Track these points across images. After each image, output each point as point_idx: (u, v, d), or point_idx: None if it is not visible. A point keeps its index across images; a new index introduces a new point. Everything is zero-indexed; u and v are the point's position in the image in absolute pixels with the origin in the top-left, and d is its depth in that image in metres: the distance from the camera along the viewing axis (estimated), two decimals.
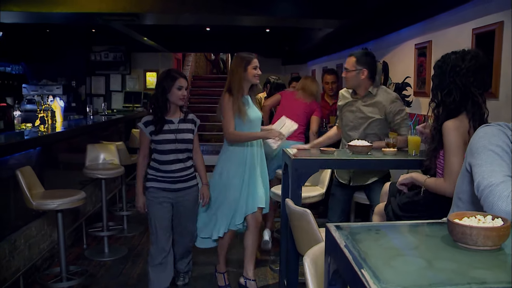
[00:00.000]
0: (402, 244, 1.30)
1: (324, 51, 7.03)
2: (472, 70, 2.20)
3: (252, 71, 3.28)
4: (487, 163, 1.58)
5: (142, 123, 3.13)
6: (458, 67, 2.20)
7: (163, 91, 3.08)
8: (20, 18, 5.07)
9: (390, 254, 1.20)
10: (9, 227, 3.52)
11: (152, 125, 3.10)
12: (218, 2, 4.81)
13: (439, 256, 1.19)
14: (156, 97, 3.11)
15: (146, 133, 3.12)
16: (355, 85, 3.24)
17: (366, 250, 1.21)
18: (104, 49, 8.32)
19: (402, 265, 1.12)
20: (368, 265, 1.10)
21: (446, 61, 2.26)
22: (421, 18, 3.67)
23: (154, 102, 3.12)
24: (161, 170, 3.16)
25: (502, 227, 1.23)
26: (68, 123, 5.25)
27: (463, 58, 2.22)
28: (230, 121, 3.28)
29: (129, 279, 3.88)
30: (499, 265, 1.15)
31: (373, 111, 3.21)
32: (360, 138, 3.20)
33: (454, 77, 2.21)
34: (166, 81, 3.09)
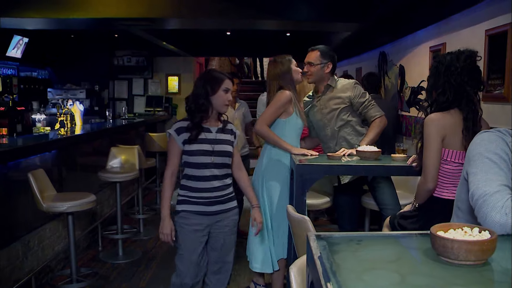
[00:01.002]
0: (381, 257, 1.24)
1: (344, 55, 6.95)
2: (467, 69, 2.18)
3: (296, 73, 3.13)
4: (482, 171, 1.50)
5: (174, 129, 2.56)
6: (453, 67, 2.18)
7: (206, 92, 2.54)
8: (40, 24, 5.20)
9: (364, 267, 1.14)
10: (23, 228, 3.59)
11: (187, 132, 2.55)
12: (237, 7, 4.81)
13: (417, 271, 1.13)
14: (196, 98, 2.56)
15: (178, 142, 2.55)
16: (318, 79, 3.23)
17: (340, 262, 1.16)
18: (126, 53, 8.46)
19: (373, 280, 1.06)
20: (337, 279, 1.05)
21: (442, 61, 2.24)
22: (435, 20, 3.59)
23: (193, 105, 2.57)
24: (195, 189, 2.58)
25: (486, 241, 1.15)
26: (86, 126, 5.34)
27: (458, 58, 2.20)
28: (272, 115, 3.04)
29: (141, 281, 3.90)
30: (480, 282, 1.08)
31: (337, 102, 3.21)
32: (334, 133, 3.21)
33: (449, 77, 2.18)
34: (212, 81, 2.57)
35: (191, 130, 2.54)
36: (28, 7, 4.50)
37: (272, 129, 3.09)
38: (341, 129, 3.20)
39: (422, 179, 2.25)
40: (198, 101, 2.55)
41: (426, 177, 2.21)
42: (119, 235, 4.52)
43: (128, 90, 8.69)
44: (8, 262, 3.31)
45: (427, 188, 2.24)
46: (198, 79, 2.66)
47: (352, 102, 3.18)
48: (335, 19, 5.04)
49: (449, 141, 2.18)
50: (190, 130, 2.54)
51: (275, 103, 3.02)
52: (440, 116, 2.19)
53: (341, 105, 3.19)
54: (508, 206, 1.39)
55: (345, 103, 3.18)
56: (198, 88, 2.57)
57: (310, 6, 5.03)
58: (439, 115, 2.20)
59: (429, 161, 2.19)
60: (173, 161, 2.58)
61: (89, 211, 4.73)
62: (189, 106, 2.59)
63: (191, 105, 2.57)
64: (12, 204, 3.47)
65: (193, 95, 2.59)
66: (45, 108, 7.28)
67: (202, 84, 2.56)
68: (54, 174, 4.17)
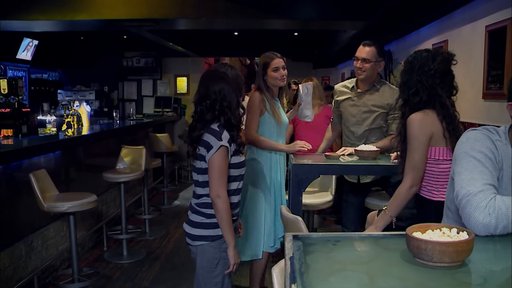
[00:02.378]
0: (354, 258, 1.21)
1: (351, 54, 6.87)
2: (440, 72, 2.12)
3: (272, 73, 3.02)
4: (467, 170, 1.46)
5: (227, 141, 2.19)
6: (427, 67, 2.12)
7: (238, 98, 2.27)
8: (47, 26, 5.27)
9: (334, 268, 1.12)
10: (27, 228, 3.63)
11: (234, 143, 2.26)
12: (242, 7, 4.80)
13: (388, 273, 1.09)
14: (230, 105, 2.23)
15: (229, 155, 2.23)
16: (370, 76, 3.10)
17: (311, 263, 1.13)
18: (135, 55, 8.52)
19: (339, 281, 1.03)
20: (302, 280, 1.02)
21: (417, 58, 2.17)
22: (437, 16, 3.53)
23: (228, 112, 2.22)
24: (233, 205, 2.31)
25: (461, 242, 1.11)
26: (93, 127, 5.38)
27: (434, 58, 2.14)
28: (254, 121, 3.00)
29: (143, 281, 3.91)
30: (452, 285, 1.04)
31: (378, 106, 3.10)
32: (364, 133, 3.11)
33: (422, 76, 2.12)
34: (240, 82, 2.32)
35: (235, 140, 2.26)
36: (35, 10, 4.56)
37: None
38: (372, 132, 3.12)
39: (411, 182, 2.11)
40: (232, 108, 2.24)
41: (414, 179, 2.10)
42: (123, 235, 4.54)
43: (137, 91, 8.75)
44: (10, 261, 3.35)
45: (413, 191, 2.13)
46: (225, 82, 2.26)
47: (388, 113, 3.09)
48: (341, 17, 5.00)
49: (438, 139, 2.10)
50: (235, 140, 2.25)
51: (249, 108, 3.01)
52: (423, 115, 2.11)
53: (380, 109, 3.09)
54: (492, 206, 1.35)
55: (384, 109, 3.08)
56: (226, 93, 2.22)
57: (316, 5, 5.00)
58: (421, 114, 2.11)
59: (415, 163, 2.09)
60: (226, 179, 2.22)
61: (94, 211, 4.77)
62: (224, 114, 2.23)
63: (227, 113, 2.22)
64: (15, 204, 3.51)
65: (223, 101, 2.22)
66: (55, 110, 7.36)
67: (232, 88, 2.24)
68: (60, 174, 4.21)
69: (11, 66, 6.95)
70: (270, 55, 3.05)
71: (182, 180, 8.31)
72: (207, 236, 2.26)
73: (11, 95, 4.40)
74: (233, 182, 2.30)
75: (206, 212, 2.26)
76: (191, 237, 2.30)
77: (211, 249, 2.25)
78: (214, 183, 2.18)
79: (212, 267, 2.27)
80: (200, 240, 2.27)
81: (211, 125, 2.22)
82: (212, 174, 2.19)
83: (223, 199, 2.18)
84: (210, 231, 2.25)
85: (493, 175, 1.44)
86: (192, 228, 2.30)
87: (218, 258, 2.27)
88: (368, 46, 3.07)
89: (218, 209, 2.19)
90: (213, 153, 2.16)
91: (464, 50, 3.18)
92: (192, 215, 2.32)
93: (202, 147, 2.21)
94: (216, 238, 2.25)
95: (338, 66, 8.63)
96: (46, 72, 7.97)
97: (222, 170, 2.19)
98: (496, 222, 1.34)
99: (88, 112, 5.54)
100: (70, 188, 4.25)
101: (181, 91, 8.83)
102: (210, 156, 2.17)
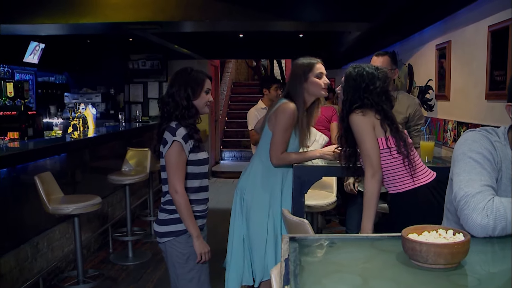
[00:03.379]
0: (349, 259, 1.21)
1: (355, 55, 6.88)
2: (384, 91, 2.23)
3: (314, 80, 2.62)
4: (465, 171, 1.45)
5: (181, 137, 2.25)
6: (373, 86, 2.20)
7: (188, 95, 2.30)
8: (52, 30, 5.30)
9: (329, 270, 1.12)
10: (32, 230, 3.66)
11: (190, 139, 2.29)
12: (246, 9, 4.80)
13: (382, 275, 1.09)
14: (180, 102, 2.29)
15: (186, 151, 2.27)
16: None
17: (305, 265, 1.13)
18: (141, 57, 8.54)
19: (332, 283, 1.03)
20: (296, 282, 1.02)
21: (362, 76, 2.22)
22: (441, 17, 3.51)
23: (181, 109, 2.29)
24: (198, 201, 2.36)
25: (456, 244, 1.11)
26: (98, 130, 5.41)
27: (378, 77, 2.22)
28: (284, 140, 2.61)
29: (148, 283, 3.94)
30: (446, 287, 1.03)
31: (396, 116, 3.06)
32: None
33: (368, 95, 2.20)
34: (193, 82, 2.33)
35: (192, 136, 2.29)
36: (41, 14, 4.59)
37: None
38: None
39: (371, 170, 2.15)
40: (183, 105, 2.29)
41: (372, 166, 2.15)
42: (128, 237, 4.57)
43: (143, 94, 8.78)
44: (16, 263, 3.39)
45: (377, 179, 2.16)
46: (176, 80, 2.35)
47: (409, 120, 3.07)
48: (346, 19, 4.98)
49: (379, 131, 2.20)
50: (192, 136, 2.29)
51: (280, 125, 2.59)
52: (361, 111, 2.20)
53: (398, 118, 3.08)
54: (490, 207, 1.34)
55: (401, 120, 3.03)
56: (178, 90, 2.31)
57: (321, 7, 4.99)
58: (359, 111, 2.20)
59: (371, 151, 2.16)
60: (183, 174, 2.26)
61: (100, 213, 4.80)
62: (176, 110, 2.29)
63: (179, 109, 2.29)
64: (21, 207, 3.54)
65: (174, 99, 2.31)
66: (62, 112, 7.41)
67: (183, 85, 2.31)
68: (66, 177, 4.25)
69: (18, 70, 7.01)
70: (310, 58, 2.67)
71: None
72: (172, 232, 2.28)
73: (17, 98, 4.44)
74: (195, 180, 2.33)
75: (169, 208, 2.30)
76: (158, 234, 2.34)
77: (178, 244, 2.27)
78: (170, 177, 2.24)
79: (182, 263, 2.29)
80: (166, 237, 2.29)
81: (170, 123, 2.29)
82: (168, 169, 2.25)
83: (180, 193, 2.22)
84: (174, 227, 2.28)
85: (491, 176, 1.43)
86: (159, 225, 2.34)
87: (188, 253, 2.28)
88: (381, 56, 3.07)
89: (176, 203, 2.24)
90: (167, 148, 2.23)
91: (467, 50, 3.17)
92: (159, 213, 2.37)
93: (162, 145, 2.29)
94: (181, 233, 2.28)
95: (344, 67, 8.61)
96: (53, 75, 8.02)
97: (177, 165, 2.23)
98: (494, 224, 1.33)
99: (94, 114, 5.58)
100: (76, 191, 4.29)
101: None
102: (165, 152, 2.24)
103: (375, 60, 3.07)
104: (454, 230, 1.20)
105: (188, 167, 2.29)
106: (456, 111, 3.41)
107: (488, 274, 1.17)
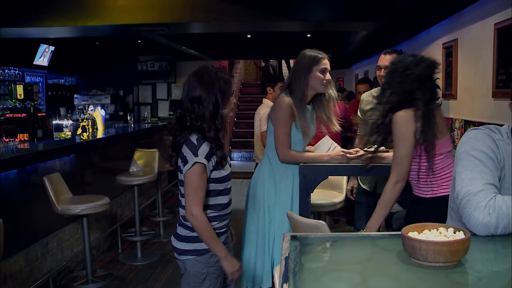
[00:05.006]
0: (350, 258, 1.21)
1: (363, 55, 6.87)
2: (420, 78, 2.14)
3: (318, 74, 2.56)
4: (467, 170, 1.44)
5: (204, 157, 1.98)
6: (409, 71, 2.14)
7: (217, 102, 1.99)
8: (61, 32, 5.37)
9: (328, 268, 1.12)
10: (42, 230, 3.71)
11: (213, 156, 2.03)
12: (254, 9, 4.82)
13: (381, 273, 1.09)
14: (206, 110, 1.99)
15: (208, 170, 2.03)
16: None
17: (305, 263, 1.14)
18: (150, 59, 8.61)
19: (331, 281, 1.04)
20: (295, 280, 1.03)
21: (402, 61, 2.19)
22: (447, 15, 3.49)
23: (207, 120, 1.99)
24: (223, 217, 2.15)
25: (456, 242, 1.10)
26: (107, 131, 5.46)
27: (417, 64, 2.15)
28: (286, 134, 2.55)
29: (156, 283, 3.95)
30: (444, 285, 1.03)
31: None
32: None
33: (402, 79, 2.14)
34: (223, 84, 2.02)
35: (216, 153, 2.03)
36: (50, 17, 4.66)
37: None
38: None
39: (397, 177, 2.12)
40: (209, 116, 1.99)
41: (401, 174, 2.12)
42: (137, 237, 4.60)
43: (152, 95, 8.84)
44: (26, 263, 3.43)
45: (402, 186, 2.14)
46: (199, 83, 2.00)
47: None
48: (353, 18, 4.98)
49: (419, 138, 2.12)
50: (215, 153, 2.03)
51: (278, 119, 2.57)
52: (407, 112, 2.12)
53: None
54: (492, 205, 1.34)
55: None
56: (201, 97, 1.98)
57: (328, 7, 4.99)
58: (405, 111, 2.12)
59: (404, 159, 2.11)
60: (202, 196, 2.03)
61: (109, 213, 4.85)
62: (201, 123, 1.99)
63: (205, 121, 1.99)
64: (31, 207, 3.59)
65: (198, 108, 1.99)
66: (71, 114, 7.49)
67: (210, 90, 1.98)
68: (75, 177, 4.29)
69: (29, 72, 7.11)
70: (318, 52, 2.59)
71: None
72: (193, 250, 2.10)
73: (27, 100, 4.50)
74: (219, 196, 2.12)
75: (190, 225, 2.08)
76: (177, 251, 2.15)
77: (198, 264, 2.10)
78: (188, 200, 2.02)
79: (198, 282, 2.12)
80: (186, 255, 2.11)
81: (190, 136, 2.02)
82: (186, 191, 2.02)
83: (197, 217, 2.00)
84: (196, 245, 2.10)
85: (494, 175, 1.43)
86: (178, 241, 2.15)
87: (206, 273, 2.12)
88: (389, 54, 3.00)
89: (195, 228, 2.05)
90: (187, 169, 1.98)
91: (473, 48, 3.15)
92: (178, 228, 2.17)
93: (180, 159, 2.05)
94: (203, 252, 2.09)
95: (352, 67, 8.60)
96: (62, 77, 8.11)
97: (197, 188, 2.00)
98: (496, 222, 1.32)
99: (102, 116, 5.63)
100: (85, 191, 4.33)
101: None
102: (185, 172, 2.00)
103: (383, 58, 3.03)
104: (454, 228, 1.20)
105: (211, 185, 2.07)
106: (463, 110, 3.39)
107: (488, 272, 1.17)
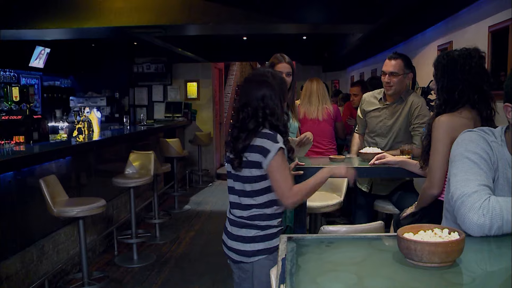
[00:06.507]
0: (345, 258, 1.22)
1: (359, 57, 6.90)
2: (480, 68, 2.06)
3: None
4: (462, 171, 1.46)
5: (283, 143, 2.03)
6: (468, 66, 2.04)
7: (281, 104, 2.12)
8: (57, 34, 5.37)
9: (324, 269, 1.13)
10: (38, 233, 3.70)
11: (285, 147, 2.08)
12: (249, 12, 4.83)
13: (377, 273, 1.10)
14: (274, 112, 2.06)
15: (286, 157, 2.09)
16: (399, 91, 3.01)
17: (302, 264, 1.15)
18: (146, 61, 8.61)
19: (328, 282, 1.05)
20: (292, 280, 1.04)
21: (453, 59, 2.08)
22: (442, 17, 3.52)
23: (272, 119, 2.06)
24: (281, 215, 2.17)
25: (450, 242, 1.12)
26: (103, 133, 5.45)
27: (470, 55, 2.06)
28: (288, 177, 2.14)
29: (153, 285, 3.96)
30: (439, 285, 1.05)
31: (401, 120, 3.04)
32: (392, 146, 3.06)
33: (467, 76, 2.04)
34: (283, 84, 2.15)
35: (286, 145, 2.07)
36: (45, 19, 4.66)
37: None
38: (395, 145, 3.06)
39: (428, 184, 2.12)
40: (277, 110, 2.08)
41: (432, 181, 2.08)
42: (133, 239, 4.59)
43: (148, 97, 8.83)
44: (22, 265, 3.42)
45: (431, 193, 2.11)
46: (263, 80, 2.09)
47: (410, 118, 3.03)
48: (349, 21, 5.00)
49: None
50: (285, 144, 2.07)
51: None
52: (450, 118, 2.05)
53: (403, 126, 3.05)
54: (486, 206, 1.35)
55: (406, 123, 3.01)
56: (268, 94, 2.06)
57: (324, 9, 5.01)
58: (448, 116, 2.06)
59: (436, 165, 2.06)
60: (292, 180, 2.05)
61: (105, 216, 4.84)
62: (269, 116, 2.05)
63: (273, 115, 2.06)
64: (27, 209, 3.58)
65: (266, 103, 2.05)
66: (67, 116, 7.47)
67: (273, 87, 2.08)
68: (71, 180, 4.28)
69: (24, 74, 7.08)
70: (279, 57, 2.84)
71: (193, 185, 8.36)
72: (265, 249, 2.06)
73: (23, 102, 4.48)
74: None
75: (260, 224, 2.05)
76: (245, 253, 2.08)
77: (269, 262, 2.04)
78: (283, 188, 1.99)
79: (269, 282, 2.01)
80: (258, 255, 2.06)
81: (261, 129, 2.04)
82: (278, 179, 1.99)
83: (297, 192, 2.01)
84: (266, 244, 2.06)
85: (488, 176, 1.44)
86: (245, 244, 2.08)
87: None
88: (394, 59, 2.96)
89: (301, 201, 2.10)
90: (272, 156, 1.97)
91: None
92: (240, 230, 2.09)
93: (255, 153, 2.01)
94: (274, 249, 2.06)
95: (348, 69, 8.63)
96: (58, 79, 8.08)
97: (286, 172, 2.01)
98: (490, 223, 1.34)
99: (98, 118, 5.61)
100: (81, 193, 4.32)
101: (191, 96, 8.89)
102: (270, 161, 1.98)
103: (388, 63, 2.98)
104: (449, 229, 1.21)
105: None
106: None
107: (483, 272, 1.18)
